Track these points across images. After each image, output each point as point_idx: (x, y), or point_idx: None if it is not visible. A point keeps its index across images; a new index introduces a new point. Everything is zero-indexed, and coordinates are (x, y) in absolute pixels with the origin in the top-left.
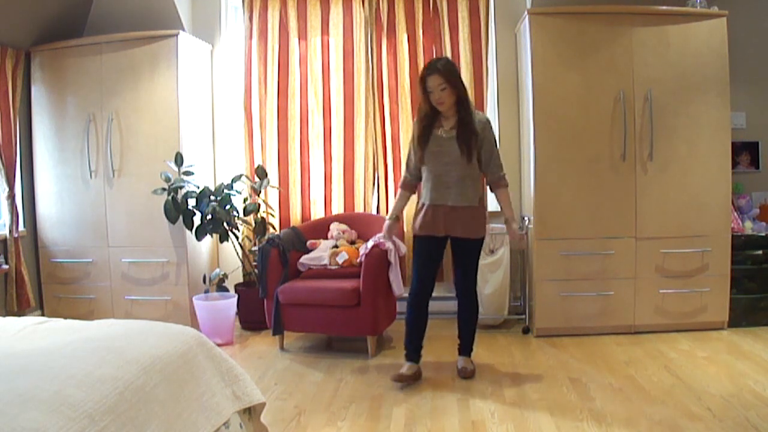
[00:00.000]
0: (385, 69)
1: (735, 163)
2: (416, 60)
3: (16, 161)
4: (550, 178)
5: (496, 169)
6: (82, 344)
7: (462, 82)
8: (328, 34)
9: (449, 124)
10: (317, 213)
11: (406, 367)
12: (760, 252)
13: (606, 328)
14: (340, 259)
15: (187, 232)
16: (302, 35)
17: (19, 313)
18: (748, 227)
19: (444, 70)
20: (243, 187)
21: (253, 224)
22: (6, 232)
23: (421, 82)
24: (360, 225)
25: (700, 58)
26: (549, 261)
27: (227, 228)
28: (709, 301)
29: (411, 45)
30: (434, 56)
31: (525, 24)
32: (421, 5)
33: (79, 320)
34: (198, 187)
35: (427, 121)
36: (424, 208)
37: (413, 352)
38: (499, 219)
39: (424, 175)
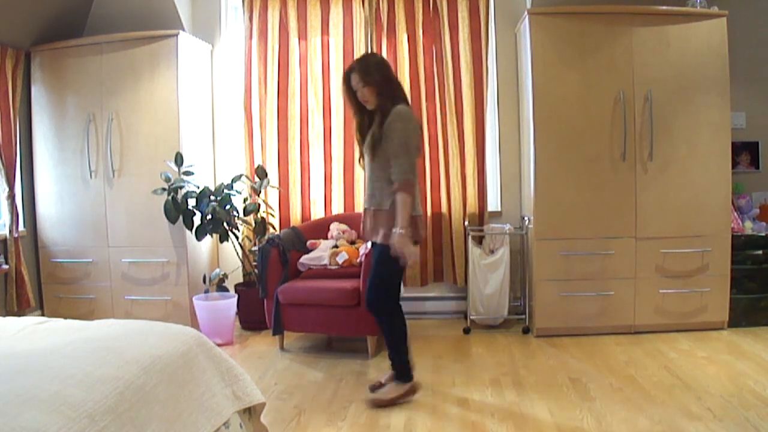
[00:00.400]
0: None
1: (735, 163)
2: (416, 60)
3: (16, 161)
4: (550, 178)
5: (394, 170)
6: (82, 344)
7: (384, 77)
8: (328, 34)
9: (375, 124)
10: (317, 213)
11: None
12: (760, 252)
13: (606, 328)
14: (340, 259)
15: (187, 232)
16: (302, 35)
17: (19, 313)
18: (748, 227)
19: (359, 67)
20: (243, 187)
21: (253, 224)
22: (6, 232)
23: (345, 81)
24: (360, 225)
25: (700, 58)
26: (549, 261)
27: (227, 228)
28: (709, 301)
29: (411, 45)
30: (434, 56)
31: (525, 24)
32: (421, 5)
33: (79, 320)
34: (198, 187)
35: (360, 120)
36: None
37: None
38: (498, 219)
39: None
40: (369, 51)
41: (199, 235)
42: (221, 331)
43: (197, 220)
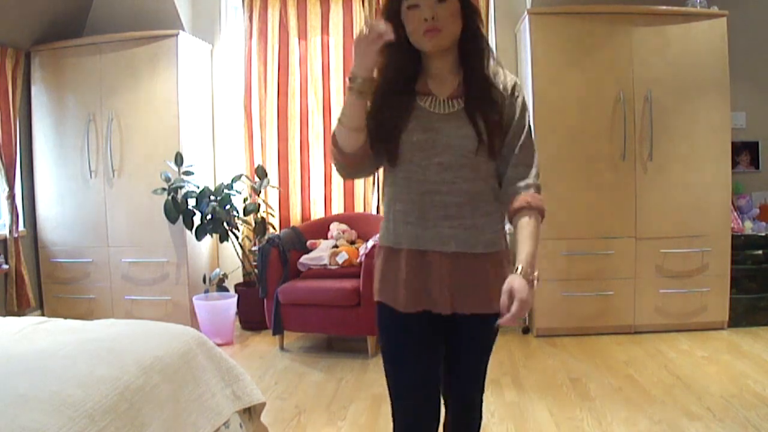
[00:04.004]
0: None
1: (735, 163)
2: None
3: (16, 161)
4: (550, 178)
5: (525, 172)
6: (82, 344)
7: (476, 8)
8: (328, 34)
9: (446, 86)
10: (317, 213)
11: None
12: (760, 252)
13: (606, 328)
14: (340, 259)
15: (187, 232)
16: (302, 35)
17: (19, 313)
18: (748, 227)
19: None
20: (243, 187)
21: (253, 224)
22: (6, 232)
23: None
24: (360, 225)
25: (700, 58)
26: (549, 261)
27: (227, 228)
28: (709, 301)
29: None
30: None
31: (525, 24)
32: None
33: (79, 320)
34: (198, 187)
35: (401, 80)
36: (396, 257)
37: None
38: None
39: (392, 189)
40: None
41: (199, 235)
42: (221, 331)
43: (197, 220)
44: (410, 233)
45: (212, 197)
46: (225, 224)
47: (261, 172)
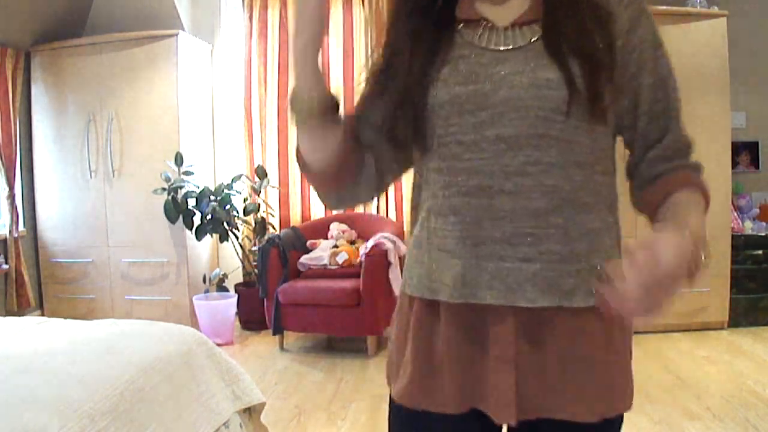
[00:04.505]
0: None
1: (735, 163)
2: None
3: (16, 161)
4: None
5: (678, 138)
6: (82, 344)
7: None
8: (328, 35)
9: (509, 6)
10: (317, 213)
11: None
12: (760, 252)
13: None
14: (340, 259)
15: (187, 232)
16: None
17: (19, 313)
18: (748, 227)
19: None
20: (243, 187)
21: (253, 224)
22: (6, 232)
23: None
24: (360, 225)
25: (700, 58)
26: None
27: (227, 228)
28: (709, 301)
29: None
30: None
31: None
32: None
33: (79, 320)
34: (198, 187)
35: (426, 5)
36: (432, 317)
37: None
38: None
39: (421, 193)
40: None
41: (199, 235)
42: (221, 331)
43: (197, 220)
44: (450, 270)
45: (212, 197)
46: (225, 224)
47: (261, 172)
